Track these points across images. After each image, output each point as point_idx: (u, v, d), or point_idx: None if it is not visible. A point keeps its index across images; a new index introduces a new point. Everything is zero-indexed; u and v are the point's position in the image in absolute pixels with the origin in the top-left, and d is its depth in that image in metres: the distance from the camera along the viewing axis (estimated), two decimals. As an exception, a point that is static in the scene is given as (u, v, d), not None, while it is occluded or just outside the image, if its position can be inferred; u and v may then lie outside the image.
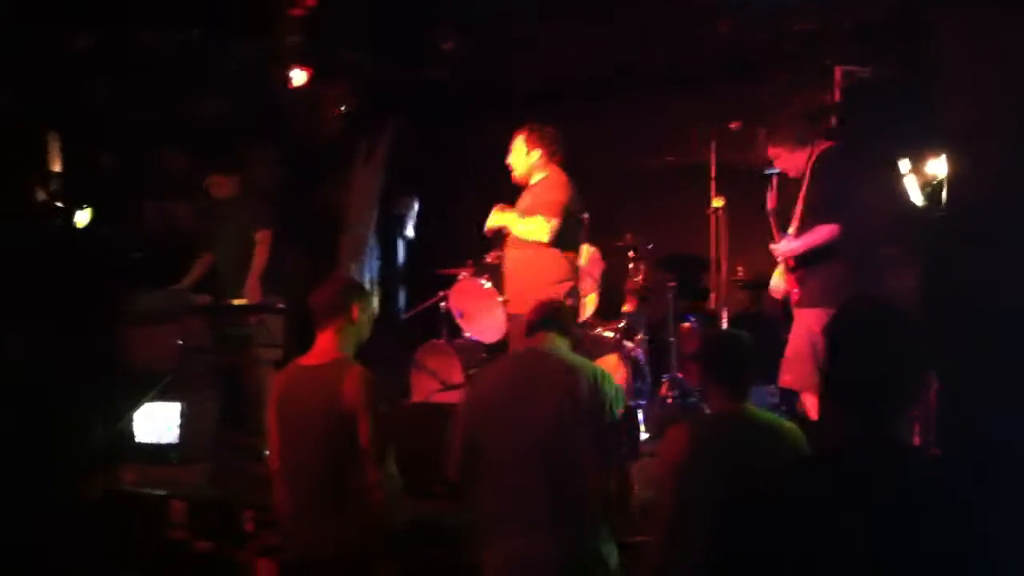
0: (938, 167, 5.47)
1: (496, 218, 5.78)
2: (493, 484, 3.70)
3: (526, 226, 5.65)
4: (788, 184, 5.78)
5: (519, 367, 3.93)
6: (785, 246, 5.56)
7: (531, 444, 3.63)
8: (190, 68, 7.20)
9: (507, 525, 3.66)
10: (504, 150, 5.92)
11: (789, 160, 5.64)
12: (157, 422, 6.31)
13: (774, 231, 5.70)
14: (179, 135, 7.77)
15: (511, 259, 5.89)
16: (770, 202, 5.80)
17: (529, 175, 5.86)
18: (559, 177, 5.77)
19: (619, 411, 3.71)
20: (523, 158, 5.83)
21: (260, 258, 6.81)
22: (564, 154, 5.84)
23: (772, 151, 5.72)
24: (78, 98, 6.79)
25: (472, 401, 3.92)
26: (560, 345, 3.90)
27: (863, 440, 2.21)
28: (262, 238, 6.84)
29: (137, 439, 6.31)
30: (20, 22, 6.14)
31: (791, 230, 5.56)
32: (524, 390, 3.73)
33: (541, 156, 5.80)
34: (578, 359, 3.87)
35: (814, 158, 5.55)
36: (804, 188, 5.54)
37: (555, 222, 5.59)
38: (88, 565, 5.21)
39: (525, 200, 5.84)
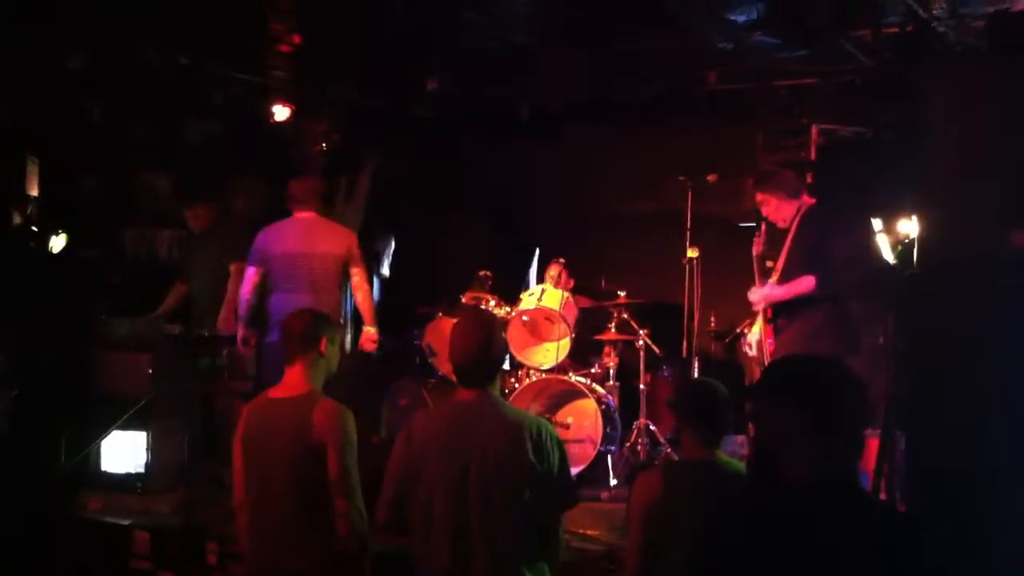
0: (909, 227, 5.55)
1: None
2: (425, 531, 3.59)
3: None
4: (773, 233, 5.82)
5: (458, 417, 3.69)
6: (769, 290, 5.59)
7: (462, 496, 3.52)
8: (180, 95, 7.23)
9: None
10: (478, 193, 6.07)
11: (778, 209, 5.66)
12: (124, 451, 6.25)
13: (756, 276, 5.73)
14: (164, 162, 7.78)
15: None
16: (756, 247, 5.82)
17: None
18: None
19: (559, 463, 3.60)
20: None
21: (233, 289, 6.79)
22: (312, 200, 6.34)
23: (760, 196, 5.72)
24: (67, 118, 6.79)
25: (408, 449, 3.69)
26: (497, 396, 3.76)
27: (825, 486, 2.26)
28: (236, 270, 6.81)
29: (103, 467, 6.24)
30: (14, 39, 6.16)
31: (773, 279, 5.60)
32: (461, 441, 3.57)
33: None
34: (520, 413, 3.78)
35: (802, 212, 5.61)
36: (790, 241, 5.58)
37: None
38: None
39: None
